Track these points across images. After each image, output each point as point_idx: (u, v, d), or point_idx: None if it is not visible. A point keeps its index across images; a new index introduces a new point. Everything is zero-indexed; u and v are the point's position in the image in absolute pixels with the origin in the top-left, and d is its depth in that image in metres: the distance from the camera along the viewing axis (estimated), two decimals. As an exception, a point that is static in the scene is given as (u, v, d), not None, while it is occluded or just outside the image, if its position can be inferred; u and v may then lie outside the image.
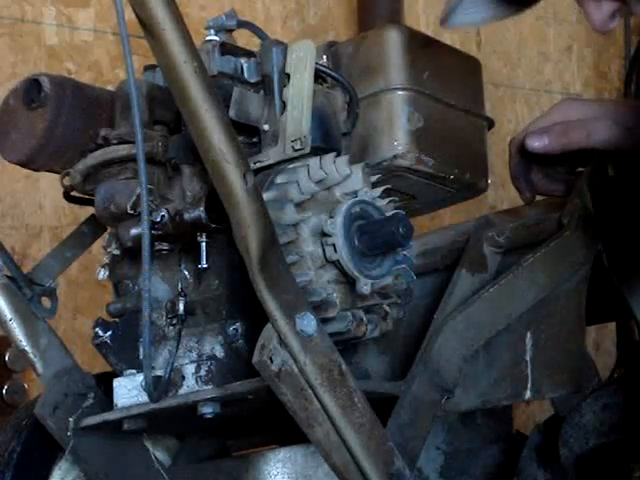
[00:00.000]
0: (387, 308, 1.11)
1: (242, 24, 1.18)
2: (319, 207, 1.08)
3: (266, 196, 1.05)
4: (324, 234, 1.06)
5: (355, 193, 1.10)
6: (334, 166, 1.08)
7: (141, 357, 1.10)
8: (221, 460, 1.30)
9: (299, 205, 1.06)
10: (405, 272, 1.12)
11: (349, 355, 1.16)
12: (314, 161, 1.08)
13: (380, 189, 1.12)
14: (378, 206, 1.11)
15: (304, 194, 1.06)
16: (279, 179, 1.08)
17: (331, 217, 1.07)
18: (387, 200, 1.12)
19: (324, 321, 1.04)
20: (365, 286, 1.06)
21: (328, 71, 1.17)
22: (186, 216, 1.07)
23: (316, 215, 1.07)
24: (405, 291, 1.13)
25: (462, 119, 1.26)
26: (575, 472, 1.19)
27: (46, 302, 1.26)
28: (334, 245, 1.05)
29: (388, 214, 1.11)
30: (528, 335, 1.14)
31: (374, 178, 1.12)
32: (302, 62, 1.11)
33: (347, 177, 1.10)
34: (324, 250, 1.06)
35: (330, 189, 1.09)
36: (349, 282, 1.07)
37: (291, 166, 1.09)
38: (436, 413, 1.10)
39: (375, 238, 1.07)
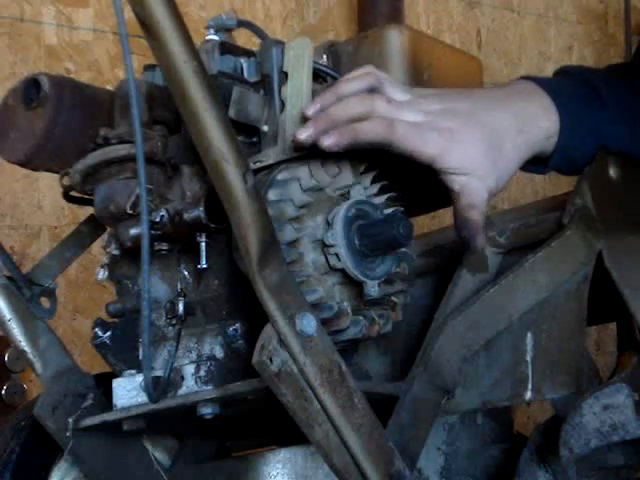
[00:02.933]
0: (394, 298, 1.11)
1: (242, 23, 1.18)
2: (314, 212, 1.07)
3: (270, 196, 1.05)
4: (325, 245, 1.06)
5: (347, 188, 1.09)
6: (323, 170, 1.08)
7: (140, 357, 1.10)
8: (221, 461, 1.30)
9: (295, 219, 1.05)
10: (405, 256, 1.12)
11: (349, 356, 1.16)
12: (304, 171, 1.07)
13: (377, 186, 1.12)
14: (376, 204, 1.10)
15: (298, 207, 1.06)
16: (281, 177, 1.08)
17: (328, 223, 1.06)
18: (385, 197, 1.12)
19: (339, 332, 1.04)
20: (373, 288, 1.06)
21: (328, 70, 1.17)
22: (185, 216, 1.07)
23: (313, 220, 1.07)
24: (409, 275, 1.13)
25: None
26: (576, 473, 1.19)
27: (45, 302, 1.26)
28: (337, 254, 1.05)
29: (387, 211, 1.10)
30: (529, 335, 1.14)
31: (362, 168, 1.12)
32: (300, 60, 1.11)
33: (337, 174, 1.10)
34: (327, 258, 1.06)
35: (322, 190, 1.09)
36: (353, 282, 1.07)
37: (280, 177, 1.08)
38: (436, 414, 1.10)
39: (376, 240, 1.06)
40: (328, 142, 1.05)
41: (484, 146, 1.11)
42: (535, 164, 1.19)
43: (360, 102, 1.08)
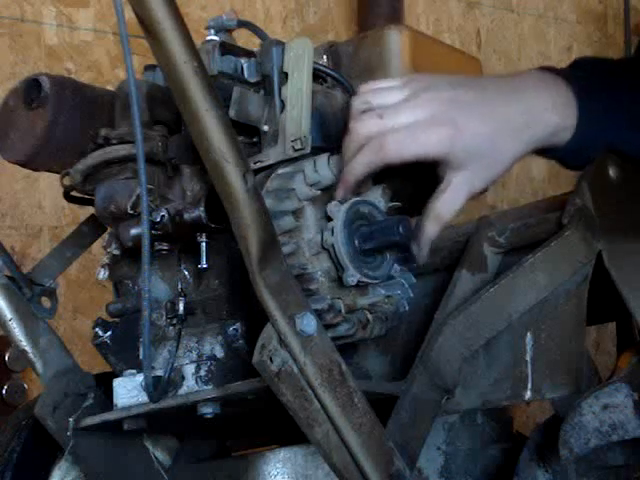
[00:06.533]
0: (369, 317, 1.09)
1: (242, 24, 1.18)
2: (323, 201, 1.07)
3: (271, 185, 1.05)
4: (328, 218, 1.05)
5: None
6: (328, 167, 1.08)
7: (141, 357, 1.10)
8: (221, 460, 1.30)
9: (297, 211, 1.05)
10: (399, 299, 1.11)
11: (349, 355, 1.16)
12: (321, 158, 1.07)
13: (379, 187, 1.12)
14: (381, 208, 1.10)
15: (309, 184, 1.06)
16: (282, 171, 1.08)
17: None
18: (391, 204, 1.12)
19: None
20: (352, 277, 1.05)
21: (328, 71, 1.17)
22: (186, 216, 1.07)
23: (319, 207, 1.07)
24: (392, 314, 1.11)
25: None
26: (575, 472, 1.19)
27: (46, 302, 1.26)
28: (332, 229, 1.05)
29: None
30: (528, 335, 1.14)
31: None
32: (300, 60, 1.11)
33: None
34: (322, 236, 1.05)
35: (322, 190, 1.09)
36: (339, 277, 1.07)
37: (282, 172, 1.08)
38: (436, 413, 1.10)
39: (374, 236, 1.06)
40: (339, 196, 1.06)
41: (486, 144, 1.09)
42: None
43: (358, 137, 1.08)
